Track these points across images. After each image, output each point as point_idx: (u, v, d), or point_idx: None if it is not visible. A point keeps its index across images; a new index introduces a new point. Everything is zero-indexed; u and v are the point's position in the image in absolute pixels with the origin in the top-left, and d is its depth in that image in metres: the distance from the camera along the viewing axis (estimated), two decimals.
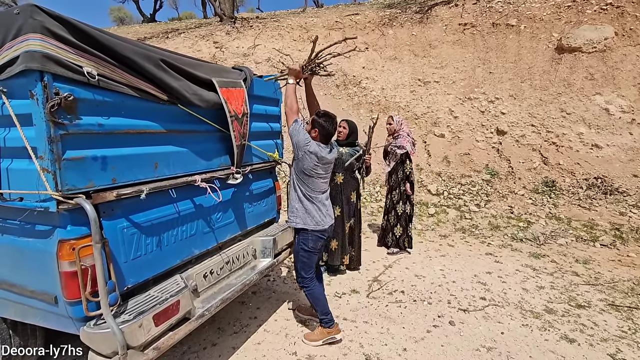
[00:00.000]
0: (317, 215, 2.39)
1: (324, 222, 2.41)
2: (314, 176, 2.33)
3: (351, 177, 3.52)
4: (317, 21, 11.93)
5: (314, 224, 2.38)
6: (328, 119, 2.35)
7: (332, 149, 2.45)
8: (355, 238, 3.67)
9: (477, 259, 4.18)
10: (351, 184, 3.54)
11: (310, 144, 2.27)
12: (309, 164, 2.28)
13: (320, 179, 2.38)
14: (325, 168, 2.39)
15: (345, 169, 3.46)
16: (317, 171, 2.32)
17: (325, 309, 2.52)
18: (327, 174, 2.45)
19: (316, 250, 2.45)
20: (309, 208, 2.37)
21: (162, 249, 1.88)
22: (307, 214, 2.38)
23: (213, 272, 2.22)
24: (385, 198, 4.45)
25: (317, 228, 2.38)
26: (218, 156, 2.29)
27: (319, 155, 2.28)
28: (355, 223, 3.65)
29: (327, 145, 2.41)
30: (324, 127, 2.32)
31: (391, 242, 4.26)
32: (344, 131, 3.50)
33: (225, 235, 2.40)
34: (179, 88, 1.86)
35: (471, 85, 8.54)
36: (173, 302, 1.75)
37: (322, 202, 2.42)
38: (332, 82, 9.91)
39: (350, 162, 3.40)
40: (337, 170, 3.46)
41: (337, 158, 3.36)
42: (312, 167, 2.29)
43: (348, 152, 3.47)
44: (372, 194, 6.66)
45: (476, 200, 6.06)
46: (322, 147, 2.33)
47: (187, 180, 1.96)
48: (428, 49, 9.84)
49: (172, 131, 1.92)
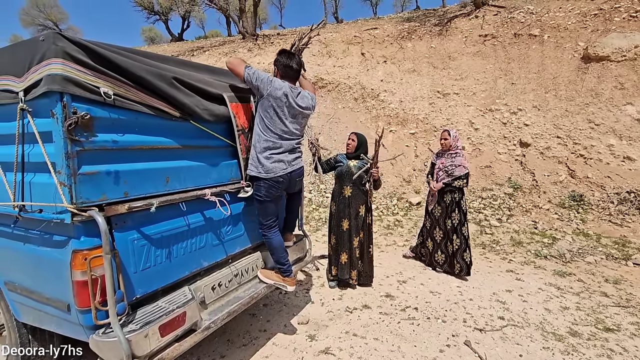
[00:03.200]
0: (267, 162, 2.28)
1: (275, 170, 2.31)
2: (277, 113, 2.24)
3: (360, 191, 3.45)
4: (336, 36, 12.13)
5: (265, 172, 2.30)
6: (285, 53, 2.38)
7: (300, 94, 2.37)
8: (365, 253, 3.55)
9: (497, 276, 4.02)
10: (360, 198, 3.46)
11: (274, 80, 2.26)
12: (273, 100, 2.21)
13: (282, 119, 2.27)
14: (292, 111, 2.31)
15: (354, 182, 3.41)
16: (281, 110, 2.24)
17: (281, 260, 2.49)
18: (294, 120, 2.34)
19: (269, 198, 2.37)
20: (261, 155, 2.28)
21: (172, 260, 1.94)
22: (259, 162, 2.29)
23: (221, 285, 2.26)
24: (425, 218, 4.20)
25: (269, 176, 2.30)
26: (229, 170, 2.36)
27: (284, 91, 2.23)
28: (365, 237, 3.54)
29: (295, 87, 2.37)
30: (279, 60, 2.35)
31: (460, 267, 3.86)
32: (352, 143, 3.48)
33: (235, 248, 2.44)
34: (191, 104, 1.94)
35: (492, 97, 8.38)
36: (179, 314, 1.79)
37: (278, 148, 2.30)
38: (351, 95, 9.99)
39: (359, 175, 3.34)
40: (345, 183, 3.45)
41: (345, 171, 3.43)
42: (276, 104, 2.22)
43: (356, 165, 3.43)
44: (389, 207, 6.58)
45: (498, 215, 5.87)
46: (286, 84, 2.29)
47: (197, 194, 2.02)
48: (447, 61, 9.78)
49: (184, 146, 2.00)
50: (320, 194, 7.31)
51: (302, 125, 2.46)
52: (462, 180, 3.83)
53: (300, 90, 2.42)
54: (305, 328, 2.89)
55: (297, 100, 2.34)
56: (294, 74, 2.40)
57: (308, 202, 7.01)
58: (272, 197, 2.38)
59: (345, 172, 3.46)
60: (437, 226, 4.03)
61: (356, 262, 3.50)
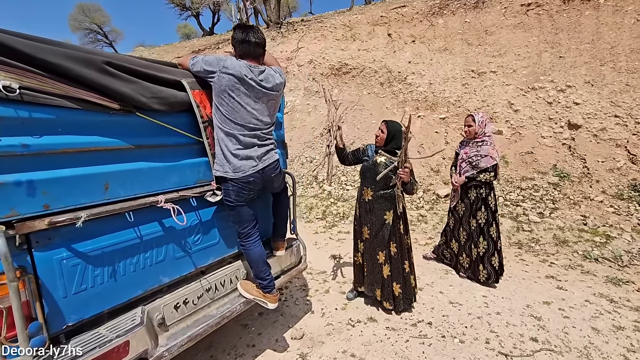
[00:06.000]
0: (234, 160, 1.94)
1: (244, 168, 1.96)
2: (234, 98, 1.89)
3: (384, 195, 2.75)
4: (362, 18, 11.47)
5: (232, 171, 1.96)
6: (240, 27, 2.00)
7: (265, 72, 1.99)
8: (400, 270, 2.85)
9: (534, 283, 3.43)
10: (384, 203, 2.77)
11: (226, 59, 1.91)
12: (226, 84, 1.87)
13: (243, 105, 1.91)
14: (255, 94, 1.94)
15: (377, 183, 2.74)
16: (238, 94, 1.89)
17: (261, 274, 2.16)
18: (259, 105, 1.97)
19: (241, 202, 2.04)
20: (226, 151, 1.95)
21: (118, 279, 1.68)
22: (225, 160, 1.95)
23: (188, 302, 1.98)
24: (449, 216, 3.67)
25: (237, 176, 1.97)
26: (195, 171, 2.05)
27: (239, 70, 1.87)
28: (400, 250, 2.83)
29: (256, 65, 1.99)
30: (235, 36, 1.98)
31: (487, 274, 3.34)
32: (382, 135, 2.76)
33: (207, 259, 2.15)
34: (132, 92, 1.64)
35: (536, 73, 7.42)
36: (119, 344, 1.53)
37: (243, 142, 1.95)
38: (376, 79, 9.39)
39: (384, 175, 2.56)
40: (365, 183, 2.83)
41: (369, 168, 2.80)
42: (230, 88, 1.87)
43: (384, 163, 2.73)
44: (413, 199, 6.03)
45: (539, 208, 5.14)
46: (243, 63, 1.92)
47: (147, 202, 1.74)
48: (484, 36, 8.83)
49: (130, 146, 1.71)
50: (341, 186, 6.91)
51: (271, 110, 2.07)
52: (488, 174, 3.26)
53: (264, 67, 2.02)
54: (298, 344, 2.57)
55: (260, 80, 1.96)
56: (254, 50, 2.00)
57: (328, 195, 6.65)
58: (244, 201, 2.05)
59: (369, 169, 2.80)
60: (461, 226, 3.51)
61: (382, 282, 2.85)
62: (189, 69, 1.97)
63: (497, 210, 3.39)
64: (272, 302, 2.19)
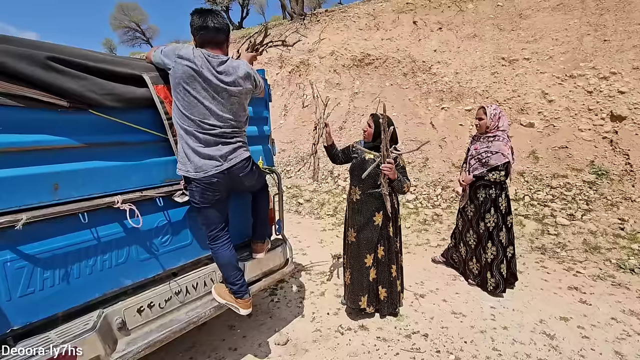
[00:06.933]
0: (196, 158, 1.81)
1: (205, 168, 1.82)
2: (190, 92, 1.74)
3: (374, 193, 2.55)
4: (386, 6, 11.00)
5: (193, 171, 1.82)
6: (197, 12, 1.83)
7: (226, 64, 1.81)
8: (386, 274, 2.67)
9: (553, 294, 3.08)
10: (372, 203, 2.58)
11: (182, 47, 1.76)
12: (180, 76, 1.73)
13: (200, 100, 1.76)
14: (213, 88, 1.77)
15: (364, 182, 2.54)
16: (194, 87, 1.74)
17: (231, 279, 2.04)
18: (219, 100, 1.80)
19: (206, 204, 1.91)
20: (186, 147, 1.81)
21: (71, 282, 1.63)
22: (187, 158, 1.82)
23: (154, 305, 1.91)
24: (458, 217, 3.41)
25: (198, 176, 1.83)
26: (162, 169, 1.96)
27: (193, 60, 1.71)
28: (387, 253, 2.65)
29: (217, 55, 1.82)
30: (192, 23, 1.83)
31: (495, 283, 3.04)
32: (369, 130, 2.60)
33: (178, 261, 2.07)
34: (81, 89, 1.56)
35: (575, 60, 6.72)
36: (65, 351, 1.48)
37: (202, 139, 1.80)
38: (399, 70, 8.99)
39: (368, 173, 2.32)
40: (353, 181, 2.68)
41: (357, 165, 2.64)
42: (184, 80, 1.72)
43: (373, 159, 2.52)
44: (431, 197, 5.69)
45: (570, 209, 4.65)
46: (199, 52, 1.77)
47: (102, 203, 1.67)
48: (517, 20, 8.15)
49: (83, 144, 1.64)
50: None
51: (236, 106, 1.89)
52: (498, 173, 2.93)
53: (226, 58, 1.85)
54: (280, 351, 2.45)
55: (219, 72, 1.80)
56: (213, 37, 1.84)
57: (342, 191, 6.45)
58: (209, 202, 1.93)
59: (357, 166, 2.64)
60: (471, 228, 3.21)
61: (369, 287, 2.67)
62: (151, 62, 1.88)
63: (509, 213, 3.06)
64: (244, 308, 2.08)
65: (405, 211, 5.42)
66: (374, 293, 2.69)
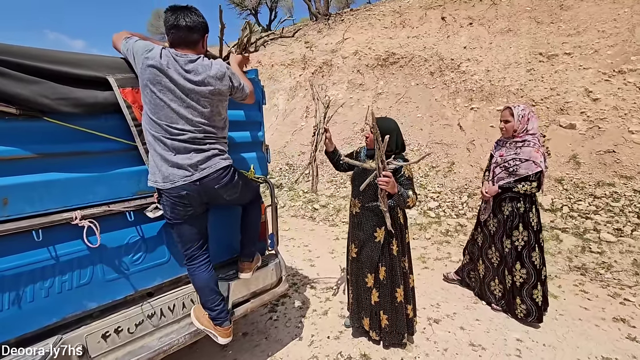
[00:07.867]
0: (164, 167, 1.63)
1: (173, 178, 1.63)
2: (156, 94, 1.57)
3: (373, 207, 2.26)
4: (413, 2, 10.55)
5: (162, 181, 1.64)
6: (170, 9, 1.65)
7: (196, 62, 1.62)
8: (389, 298, 2.32)
9: (594, 327, 2.62)
10: (372, 218, 2.29)
11: (152, 47, 1.59)
12: (147, 77, 1.56)
13: (167, 103, 1.58)
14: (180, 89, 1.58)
15: (364, 194, 2.27)
16: (160, 89, 1.56)
17: (207, 304, 1.84)
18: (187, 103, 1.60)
19: (178, 219, 1.71)
20: (155, 154, 1.64)
21: (22, 306, 1.48)
22: (156, 167, 1.65)
23: (121, 330, 1.74)
24: (476, 230, 2.99)
25: (166, 187, 1.63)
26: (133, 181, 1.79)
27: (159, 59, 1.55)
28: (390, 275, 2.31)
29: (187, 54, 1.63)
30: (165, 21, 1.65)
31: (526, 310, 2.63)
32: (371, 136, 2.30)
33: (154, 280, 1.89)
34: (31, 94, 1.40)
35: (625, 53, 6.01)
36: None
37: (169, 146, 1.61)
38: (426, 69, 8.53)
39: (366, 185, 1.97)
40: (353, 193, 2.42)
41: (358, 175, 2.36)
42: (151, 81, 1.56)
43: (373, 169, 2.11)
44: (455, 205, 5.25)
45: (617, 223, 4.07)
46: (167, 51, 1.59)
47: (59, 219, 1.51)
48: (557, 12, 7.47)
49: (37, 154, 1.48)
50: None
51: (209, 109, 1.67)
52: (529, 184, 2.53)
53: (196, 57, 1.64)
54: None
55: (187, 71, 1.59)
56: (185, 36, 1.64)
57: None
58: (182, 218, 1.73)
59: (357, 176, 2.39)
60: (493, 245, 2.82)
61: (370, 310, 2.38)
62: (119, 50, 1.71)
63: (541, 230, 2.64)
64: (223, 337, 1.86)
65: (427, 220, 5.02)
66: (376, 318, 2.39)
